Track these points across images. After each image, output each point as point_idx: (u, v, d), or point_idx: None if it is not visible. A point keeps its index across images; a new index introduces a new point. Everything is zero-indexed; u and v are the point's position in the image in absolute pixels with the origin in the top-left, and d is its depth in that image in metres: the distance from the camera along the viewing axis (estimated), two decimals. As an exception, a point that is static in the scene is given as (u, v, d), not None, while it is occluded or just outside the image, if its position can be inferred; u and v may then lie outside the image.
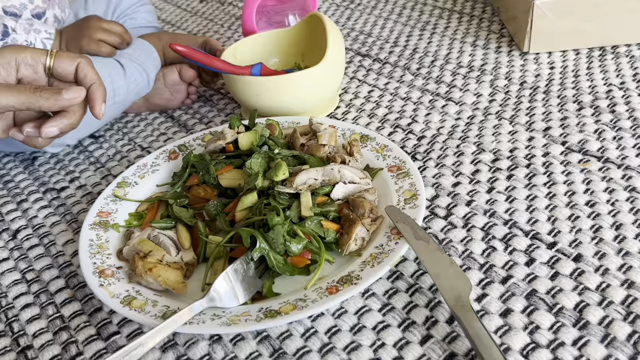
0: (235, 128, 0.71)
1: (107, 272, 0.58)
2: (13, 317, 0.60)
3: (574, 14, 0.89)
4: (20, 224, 0.72)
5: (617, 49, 0.92)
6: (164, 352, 0.53)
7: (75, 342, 0.56)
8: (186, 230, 0.62)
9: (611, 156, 0.69)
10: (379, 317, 0.54)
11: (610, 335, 0.49)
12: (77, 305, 0.60)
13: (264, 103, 0.78)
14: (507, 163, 0.71)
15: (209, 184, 0.67)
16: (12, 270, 0.65)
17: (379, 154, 0.69)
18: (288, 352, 0.52)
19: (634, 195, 0.63)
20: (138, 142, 0.86)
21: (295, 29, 0.89)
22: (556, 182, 0.66)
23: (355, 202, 0.61)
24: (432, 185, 0.69)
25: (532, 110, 0.80)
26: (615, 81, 0.84)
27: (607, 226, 0.60)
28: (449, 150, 0.74)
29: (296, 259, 0.57)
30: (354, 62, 1.00)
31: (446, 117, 0.81)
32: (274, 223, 0.56)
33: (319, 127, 0.71)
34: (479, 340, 0.46)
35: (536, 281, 0.55)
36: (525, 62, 0.92)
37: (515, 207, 0.64)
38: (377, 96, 0.89)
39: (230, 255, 0.60)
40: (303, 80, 0.77)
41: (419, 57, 0.98)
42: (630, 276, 0.54)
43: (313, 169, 0.63)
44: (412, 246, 0.55)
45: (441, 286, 0.52)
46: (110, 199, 0.68)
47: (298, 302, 0.52)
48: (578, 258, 0.57)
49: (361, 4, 1.23)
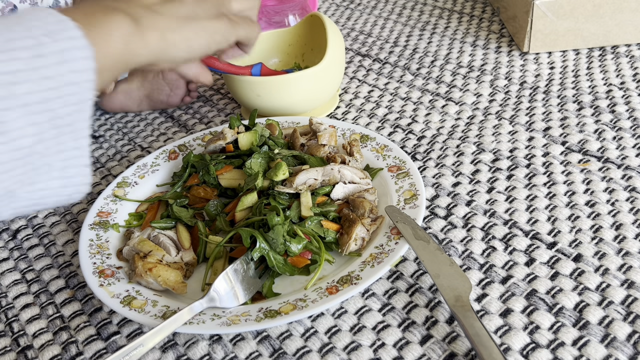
0: (235, 128, 0.71)
1: (107, 272, 0.58)
2: (13, 317, 0.60)
3: (574, 14, 0.89)
4: (20, 224, 0.72)
5: (617, 49, 0.92)
6: (164, 352, 0.53)
7: (75, 342, 0.56)
8: (186, 230, 0.62)
9: (611, 156, 0.69)
10: (379, 317, 0.54)
11: (610, 335, 0.49)
12: (77, 305, 0.60)
13: (264, 103, 0.78)
14: (507, 163, 0.71)
15: (209, 184, 0.67)
16: (12, 270, 0.65)
17: (379, 154, 0.69)
18: (288, 352, 0.52)
19: (634, 195, 0.63)
20: (138, 142, 0.86)
21: (295, 29, 0.89)
22: (556, 182, 0.66)
23: (355, 202, 0.61)
24: (432, 185, 0.69)
25: (532, 110, 0.80)
26: (615, 81, 0.84)
27: (607, 226, 0.60)
28: (449, 150, 0.74)
29: (296, 259, 0.57)
30: (354, 62, 1.00)
31: (446, 117, 0.81)
32: (274, 223, 0.56)
33: (319, 127, 0.71)
34: (479, 340, 0.46)
35: (536, 281, 0.55)
36: (525, 62, 0.92)
37: (515, 207, 0.64)
38: (377, 96, 0.89)
39: (230, 255, 0.60)
40: (303, 80, 0.77)
41: (419, 57, 0.98)
42: (630, 276, 0.54)
43: (313, 169, 0.63)
44: (412, 246, 0.55)
45: (441, 286, 0.52)
46: (110, 199, 0.68)
47: (298, 302, 0.52)
48: (578, 258, 0.57)
49: (361, 4, 1.23)
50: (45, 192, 0.40)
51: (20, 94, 0.35)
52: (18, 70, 0.35)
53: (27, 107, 0.36)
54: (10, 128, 0.35)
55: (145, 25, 0.45)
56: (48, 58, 0.36)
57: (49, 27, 0.37)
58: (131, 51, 0.44)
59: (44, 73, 0.36)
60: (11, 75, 0.35)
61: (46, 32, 0.37)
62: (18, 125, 0.36)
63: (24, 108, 0.36)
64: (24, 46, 0.36)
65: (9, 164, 0.36)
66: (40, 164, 0.38)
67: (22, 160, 0.37)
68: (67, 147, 0.39)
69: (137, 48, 0.44)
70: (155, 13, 0.46)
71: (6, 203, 0.38)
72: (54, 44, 0.37)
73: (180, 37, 0.48)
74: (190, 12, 0.49)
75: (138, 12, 0.45)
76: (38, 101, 0.36)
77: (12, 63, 0.35)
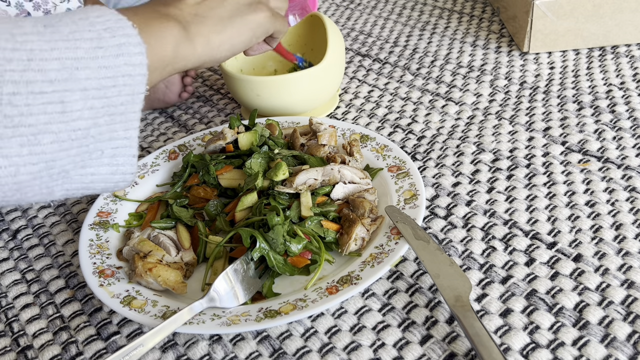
0: (235, 128, 0.71)
1: (107, 272, 0.58)
2: (13, 317, 0.60)
3: (574, 14, 0.89)
4: (20, 224, 0.72)
5: (617, 49, 0.92)
6: (164, 352, 0.53)
7: (75, 342, 0.56)
8: (186, 230, 0.62)
9: (611, 156, 0.69)
10: (379, 317, 0.54)
11: (610, 335, 0.49)
12: (77, 305, 0.60)
13: (264, 103, 0.78)
14: (507, 163, 0.71)
15: (209, 184, 0.67)
16: (12, 270, 0.65)
17: (379, 154, 0.69)
18: (288, 352, 0.52)
19: (634, 195, 0.63)
20: (138, 142, 0.86)
21: (295, 29, 0.89)
22: (556, 182, 0.66)
23: (355, 202, 0.61)
24: (432, 185, 0.69)
25: (532, 110, 0.80)
26: (615, 81, 0.84)
27: (607, 226, 0.60)
28: (449, 150, 0.74)
29: (296, 259, 0.57)
30: (354, 62, 1.00)
31: (446, 117, 0.81)
32: (274, 223, 0.56)
33: (319, 127, 0.71)
34: (479, 340, 0.46)
35: (536, 281, 0.55)
36: (525, 62, 0.92)
37: (515, 207, 0.64)
38: (377, 96, 0.89)
39: (230, 255, 0.60)
40: (303, 80, 0.77)
41: (419, 57, 0.98)
42: (630, 276, 0.54)
43: (313, 169, 0.63)
44: (412, 246, 0.55)
45: (441, 286, 0.52)
46: (110, 199, 0.68)
47: (298, 302, 0.52)
48: (578, 258, 0.57)
49: (361, 4, 1.23)
50: (95, 176, 0.43)
51: (81, 78, 0.39)
52: (81, 58, 0.39)
53: (86, 91, 0.39)
54: (70, 109, 0.39)
55: (194, 32, 0.49)
56: (107, 50, 0.40)
57: (109, 24, 0.41)
58: (180, 56, 0.48)
59: (102, 62, 0.40)
60: (74, 61, 0.39)
61: (106, 28, 0.41)
62: (77, 107, 0.39)
63: (83, 92, 0.39)
64: (87, 37, 0.40)
65: (67, 143, 0.39)
66: (94, 149, 0.42)
67: (77, 142, 0.40)
68: (118, 136, 0.43)
69: (186, 54, 0.48)
70: (201, 17, 0.50)
71: (60, 183, 0.41)
72: (113, 38, 0.41)
73: (224, 37, 0.51)
74: (233, 10, 0.52)
75: (186, 18, 0.49)
76: (96, 87, 0.40)
77: (76, 51, 0.39)
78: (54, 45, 0.38)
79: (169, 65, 0.47)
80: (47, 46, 0.38)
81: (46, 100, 0.38)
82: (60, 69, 0.38)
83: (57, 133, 0.39)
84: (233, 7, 0.53)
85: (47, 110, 0.38)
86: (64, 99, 0.38)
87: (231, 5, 0.52)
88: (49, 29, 0.39)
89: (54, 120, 0.38)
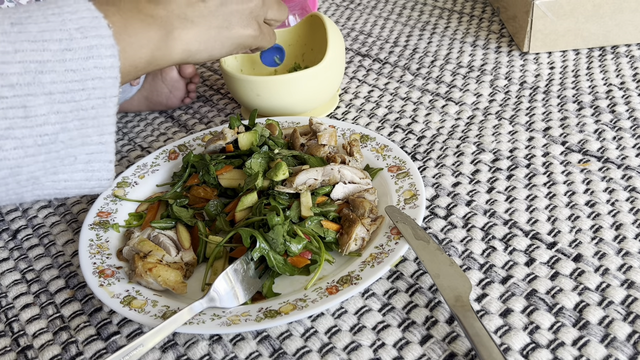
0: (235, 128, 0.71)
1: (107, 272, 0.58)
2: (13, 317, 0.59)
3: (574, 14, 0.89)
4: (20, 224, 0.72)
5: (617, 49, 0.92)
6: (164, 352, 0.53)
7: (75, 342, 0.56)
8: (186, 230, 0.62)
9: (611, 156, 0.69)
10: (379, 317, 0.54)
11: (610, 335, 0.49)
12: (77, 305, 0.60)
13: (264, 103, 0.78)
14: (507, 163, 0.71)
15: (209, 184, 0.67)
16: (12, 270, 0.65)
17: (379, 154, 0.69)
18: (288, 352, 0.52)
19: (634, 195, 0.63)
20: (138, 142, 0.86)
21: (295, 29, 0.89)
22: (556, 182, 0.66)
23: (355, 202, 0.61)
24: (432, 185, 0.69)
25: (532, 110, 0.80)
26: (615, 81, 0.84)
27: (607, 226, 0.60)
28: (449, 150, 0.74)
29: (296, 259, 0.57)
30: (354, 62, 1.00)
31: (446, 117, 0.81)
32: (274, 223, 0.56)
33: (319, 127, 0.71)
34: (479, 340, 0.46)
35: (536, 281, 0.55)
36: (525, 62, 0.92)
37: (515, 207, 0.64)
38: (377, 96, 0.89)
39: (230, 255, 0.60)
40: (303, 80, 0.77)
41: (419, 57, 0.98)
42: (630, 276, 0.54)
43: (313, 169, 0.63)
44: (412, 246, 0.55)
45: (441, 286, 0.52)
46: (110, 199, 0.68)
47: (298, 302, 0.52)
48: (578, 258, 0.57)
49: (361, 4, 1.23)
50: (69, 183, 0.43)
51: (45, 82, 0.38)
52: (46, 61, 0.38)
53: (52, 95, 0.38)
54: (34, 113, 0.38)
55: (175, 36, 0.48)
56: (76, 52, 0.39)
57: (83, 22, 0.40)
58: (155, 60, 0.47)
59: (69, 65, 0.39)
60: (39, 64, 0.38)
61: (79, 27, 0.39)
62: (42, 111, 0.38)
63: (48, 96, 0.38)
64: (56, 38, 0.38)
65: (32, 149, 0.38)
66: (65, 155, 0.41)
67: (45, 147, 0.39)
68: (92, 141, 0.42)
69: (162, 58, 0.47)
70: (188, 22, 0.49)
71: (30, 189, 0.41)
72: (84, 39, 0.39)
73: (205, 47, 0.50)
74: (223, 21, 0.51)
75: (172, 21, 0.48)
76: (62, 91, 0.39)
77: (42, 54, 0.38)
78: (18, 47, 0.37)
79: (142, 70, 0.46)
80: (11, 48, 0.37)
81: (6, 105, 0.37)
82: (22, 73, 0.37)
83: (20, 139, 0.38)
84: (224, 17, 0.51)
85: (7, 115, 0.37)
86: (26, 103, 0.37)
87: (223, 16, 0.51)
88: (16, 27, 0.38)
89: (16, 125, 0.37)
